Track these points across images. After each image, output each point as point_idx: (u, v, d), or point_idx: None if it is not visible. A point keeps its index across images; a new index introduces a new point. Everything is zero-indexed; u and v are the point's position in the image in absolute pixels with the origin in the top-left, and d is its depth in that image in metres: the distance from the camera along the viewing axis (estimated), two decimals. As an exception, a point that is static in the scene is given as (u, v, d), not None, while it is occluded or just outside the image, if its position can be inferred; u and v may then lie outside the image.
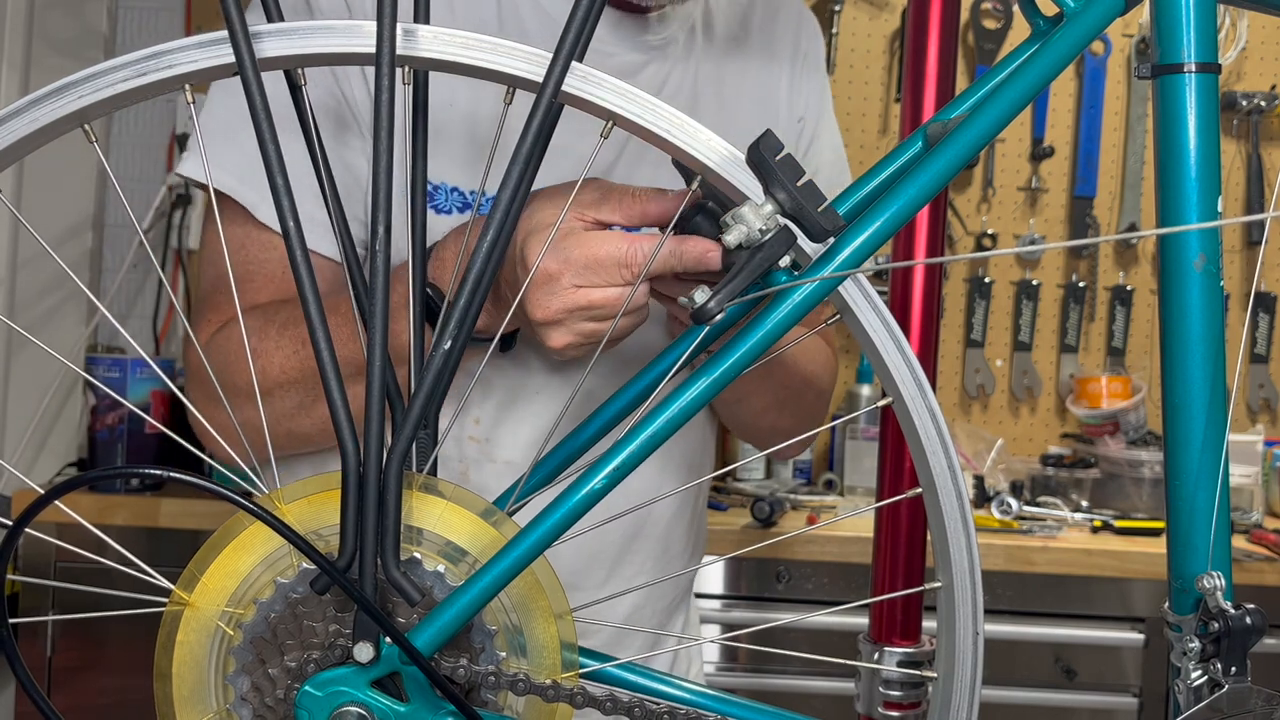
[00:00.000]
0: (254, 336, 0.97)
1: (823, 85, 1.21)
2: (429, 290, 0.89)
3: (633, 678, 0.71)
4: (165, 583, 0.65)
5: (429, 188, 0.99)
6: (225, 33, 0.61)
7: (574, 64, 0.64)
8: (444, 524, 0.66)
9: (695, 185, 0.68)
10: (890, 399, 0.68)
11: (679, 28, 1.07)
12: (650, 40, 1.06)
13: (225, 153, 0.98)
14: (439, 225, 0.98)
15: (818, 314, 0.70)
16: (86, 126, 0.64)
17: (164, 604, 0.65)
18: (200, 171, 1.00)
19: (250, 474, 0.68)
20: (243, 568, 0.65)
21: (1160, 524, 2.12)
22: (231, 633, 0.65)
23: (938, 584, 0.69)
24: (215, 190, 0.99)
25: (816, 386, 1.16)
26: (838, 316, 0.69)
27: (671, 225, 0.77)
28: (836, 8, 2.52)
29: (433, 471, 0.70)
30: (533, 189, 0.68)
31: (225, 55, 0.62)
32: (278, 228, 0.98)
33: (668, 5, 1.04)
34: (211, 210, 1.04)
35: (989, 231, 2.57)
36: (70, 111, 0.62)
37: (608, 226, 0.82)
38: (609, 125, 0.66)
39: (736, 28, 1.13)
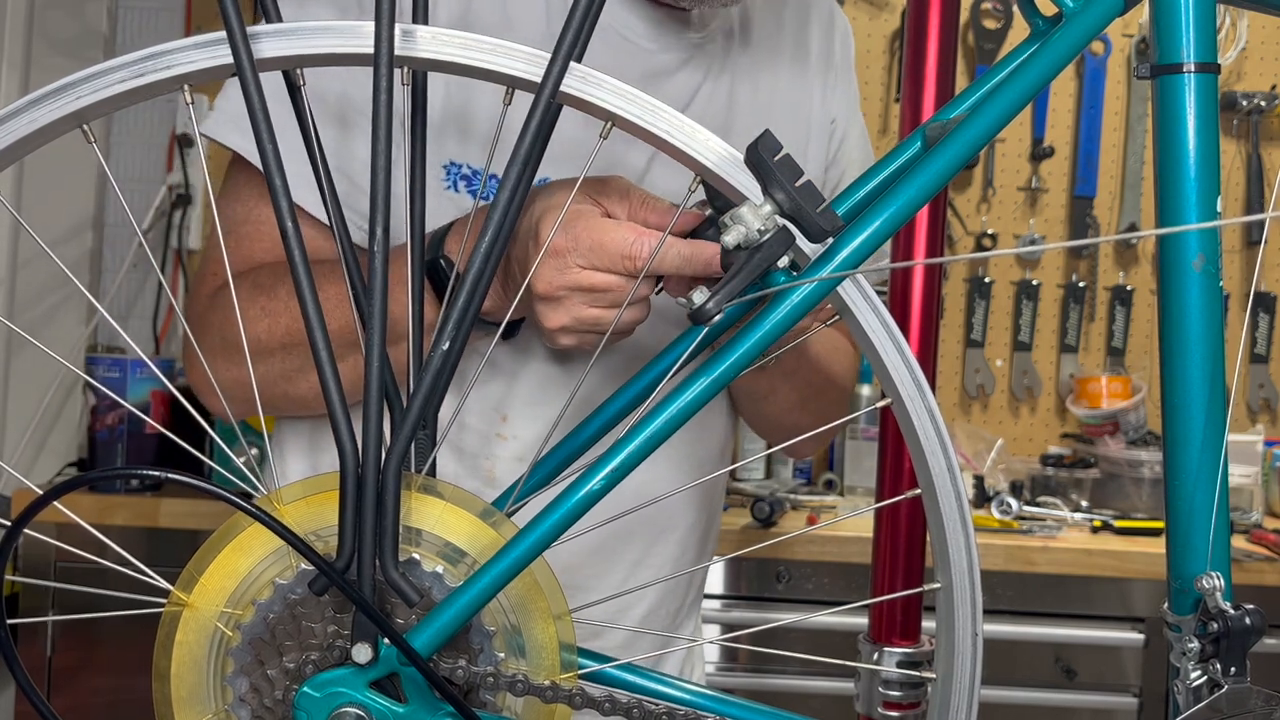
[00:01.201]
0: (263, 295, 0.97)
1: (853, 85, 1.23)
2: (442, 261, 0.89)
3: (631, 678, 0.71)
4: (164, 583, 0.65)
5: (469, 172, 1.00)
6: (224, 33, 0.61)
7: (573, 64, 0.64)
8: (442, 525, 0.66)
9: (695, 183, 0.68)
10: (889, 400, 0.68)
11: (718, 26, 1.08)
12: (691, 38, 1.06)
13: (239, 114, 0.98)
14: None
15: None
16: (85, 127, 0.64)
17: (163, 604, 0.65)
18: (221, 132, 1.01)
19: (247, 472, 0.68)
20: (241, 568, 0.65)
21: (1160, 524, 2.11)
22: (230, 634, 0.65)
23: (937, 585, 0.69)
24: (232, 150, 1.01)
25: (839, 385, 1.17)
26: (836, 317, 0.69)
27: (669, 230, 0.78)
28: (836, 8, 2.52)
29: (431, 472, 0.70)
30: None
31: (224, 56, 0.62)
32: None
33: (708, 7, 1.04)
34: (227, 172, 1.06)
35: (989, 231, 2.57)
36: (69, 112, 0.62)
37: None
38: (608, 126, 0.66)
39: (772, 28, 1.14)
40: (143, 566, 0.65)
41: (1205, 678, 0.72)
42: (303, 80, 0.66)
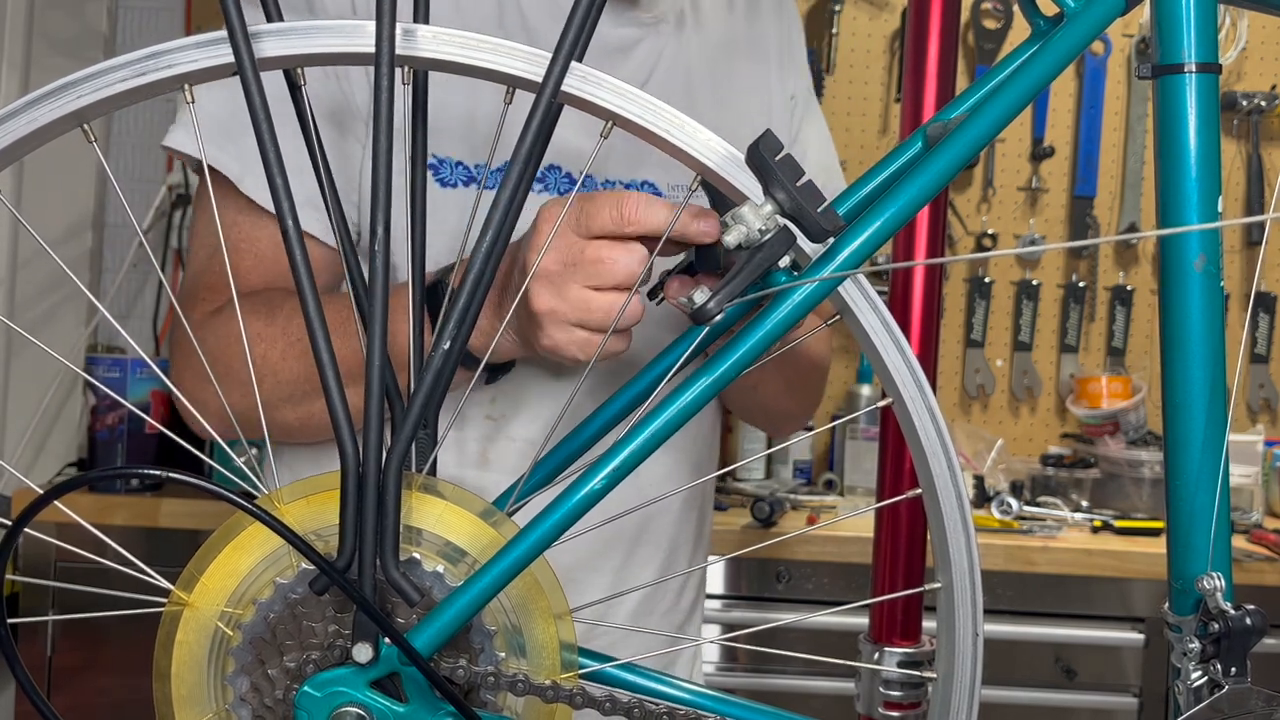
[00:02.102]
0: (258, 322, 0.96)
1: (805, 64, 1.25)
2: (440, 289, 0.89)
3: (632, 678, 0.71)
4: (164, 583, 0.65)
5: (434, 161, 0.99)
6: (224, 33, 0.61)
7: (573, 64, 0.64)
8: (443, 524, 0.66)
9: (695, 183, 0.68)
10: (890, 399, 0.68)
11: (669, 7, 1.10)
12: (641, 17, 1.08)
13: (209, 125, 0.97)
14: (446, 199, 0.99)
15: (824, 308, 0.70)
16: (86, 126, 0.64)
17: (163, 604, 0.65)
18: (185, 143, 1.01)
19: (248, 472, 0.68)
20: (242, 568, 0.65)
21: (1160, 524, 2.12)
22: (230, 633, 0.65)
23: (938, 584, 0.69)
24: (205, 164, 0.99)
25: (820, 366, 1.21)
26: (838, 316, 0.69)
27: (665, 238, 0.77)
28: (836, 8, 2.52)
29: (432, 471, 0.70)
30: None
31: (224, 55, 0.62)
32: (263, 201, 0.98)
33: None
34: (203, 186, 1.04)
35: (989, 231, 2.57)
36: (69, 111, 0.62)
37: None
38: (609, 125, 0.66)
39: (724, 11, 1.16)
40: (143, 566, 0.65)
41: (1206, 678, 0.72)
42: (303, 80, 0.66)
